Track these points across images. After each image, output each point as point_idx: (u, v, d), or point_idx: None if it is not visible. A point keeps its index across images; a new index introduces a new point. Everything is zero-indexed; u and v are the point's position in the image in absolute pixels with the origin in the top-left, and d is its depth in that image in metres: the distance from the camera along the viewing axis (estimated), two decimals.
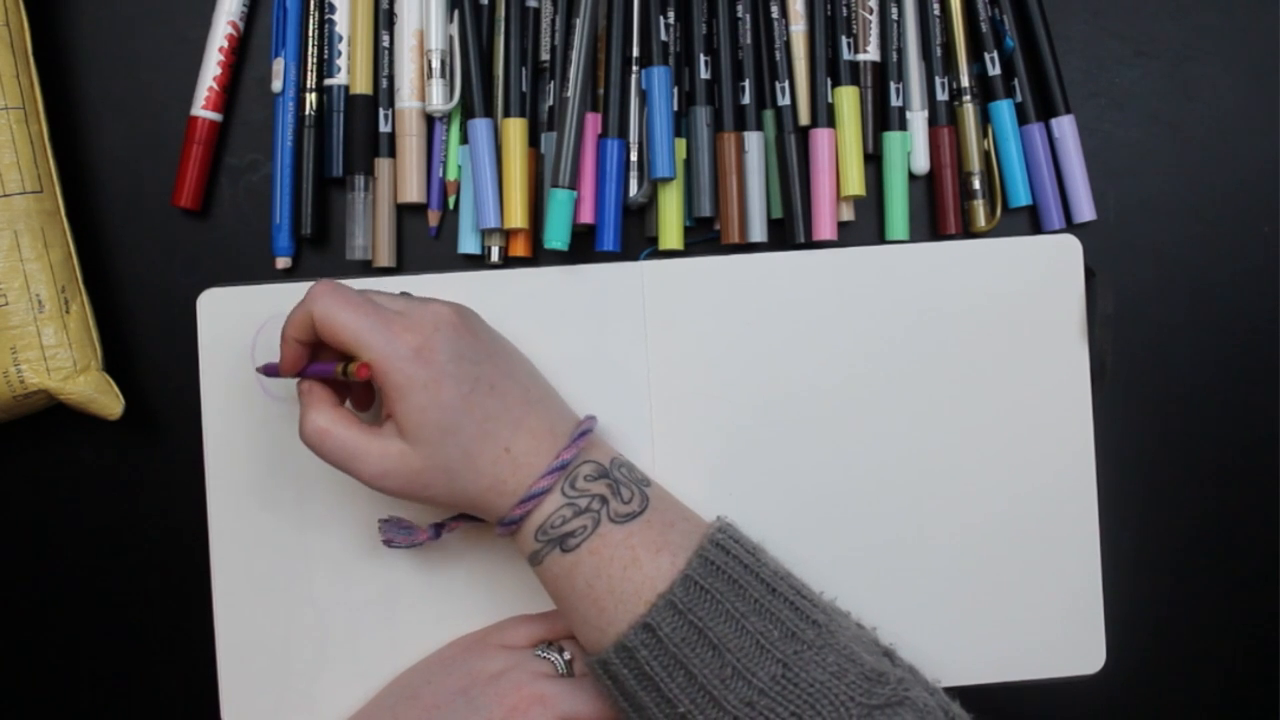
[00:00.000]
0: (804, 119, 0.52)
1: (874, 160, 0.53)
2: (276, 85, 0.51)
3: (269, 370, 0.47)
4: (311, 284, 0.43)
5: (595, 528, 0.43)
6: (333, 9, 0.51)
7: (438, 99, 0.51)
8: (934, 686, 0.43)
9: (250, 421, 0.49)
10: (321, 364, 0.44)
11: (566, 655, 0.47)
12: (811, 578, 0.45)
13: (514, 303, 0.50)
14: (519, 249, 0.51)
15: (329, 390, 0.44)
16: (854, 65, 0.52)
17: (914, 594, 0.50)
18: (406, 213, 0.53)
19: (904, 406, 0.50)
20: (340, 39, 0.51)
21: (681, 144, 0.51)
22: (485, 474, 0.43)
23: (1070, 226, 0.53)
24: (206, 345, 0.50)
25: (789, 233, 0.51)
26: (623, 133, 0.50)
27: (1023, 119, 0.53)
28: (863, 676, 0.40)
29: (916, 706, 0.40)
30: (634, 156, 0.51)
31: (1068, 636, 0.51)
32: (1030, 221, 0.54)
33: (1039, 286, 0.51)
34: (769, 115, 0.52)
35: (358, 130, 0.51)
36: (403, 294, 0.45)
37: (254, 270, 0.52)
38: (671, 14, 0.51)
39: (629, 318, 0.50)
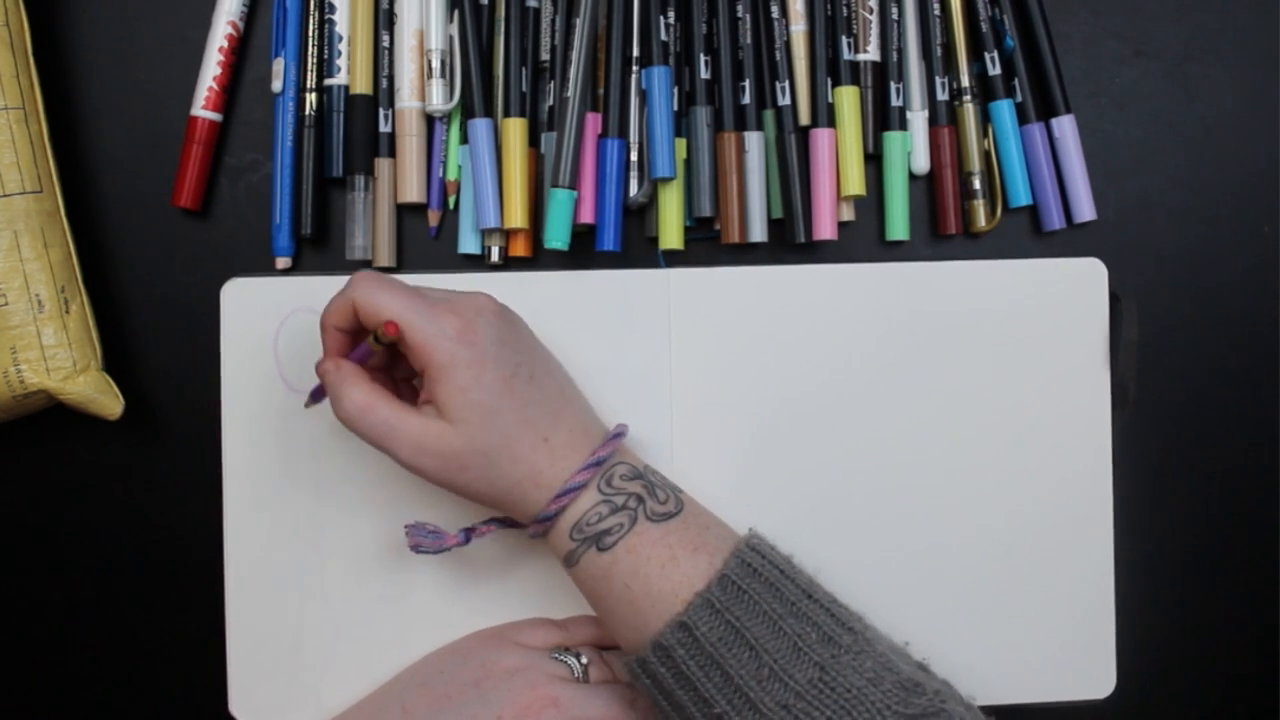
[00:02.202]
0: (804, 119, 0.52)
1: (874, 160, 0.53)
2: (276, 85, 0.51)
3: (315, 395, 0.47)
4: (350, 275, 0.43)
5: (632, 525, 0.42)
6: (333, 9, 0.51)
7: (438, 99, 0.51)
8: (970, 703, 0.42)
9: (270, 413, 0.50)
10: (360, 349, 0.44)
11: (584, 660, 0.46)
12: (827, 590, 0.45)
13: (535, 306, 0.49)
14: (519, 249, 0.51)
15: (362, 369, 0.44)
16: (854, 65, 0.52)
17: (926, 613, 0.50)
18: (406, 213, 0.53)
19: (924, 424, 0.51)
20: (340, 39, 0.51)
21: (681, 144, 0.51)
22: (523, 461, 0.42)
23: (1070, 226, 0.53)
24: (229, 335, 0.50)
25: (789, 232, 0.51)
26: (623, 133, 0.50)
27: (1023, 119, 0.53)
28: (899, 685, 0.40)
29: (953, 719, 0.39)
30: (634, 156, 0.51)
31: (1078, 660, 0.50)
32: (1030, 221, 0.54)
33: (1063, 310, 0.51)
34: (769, 115, 0.52)
35: (358, 130, 0.51)
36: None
37: (254, 270, 0.52)
38: (671, 14, 0.51)
39: (653, 326, 0.50)
